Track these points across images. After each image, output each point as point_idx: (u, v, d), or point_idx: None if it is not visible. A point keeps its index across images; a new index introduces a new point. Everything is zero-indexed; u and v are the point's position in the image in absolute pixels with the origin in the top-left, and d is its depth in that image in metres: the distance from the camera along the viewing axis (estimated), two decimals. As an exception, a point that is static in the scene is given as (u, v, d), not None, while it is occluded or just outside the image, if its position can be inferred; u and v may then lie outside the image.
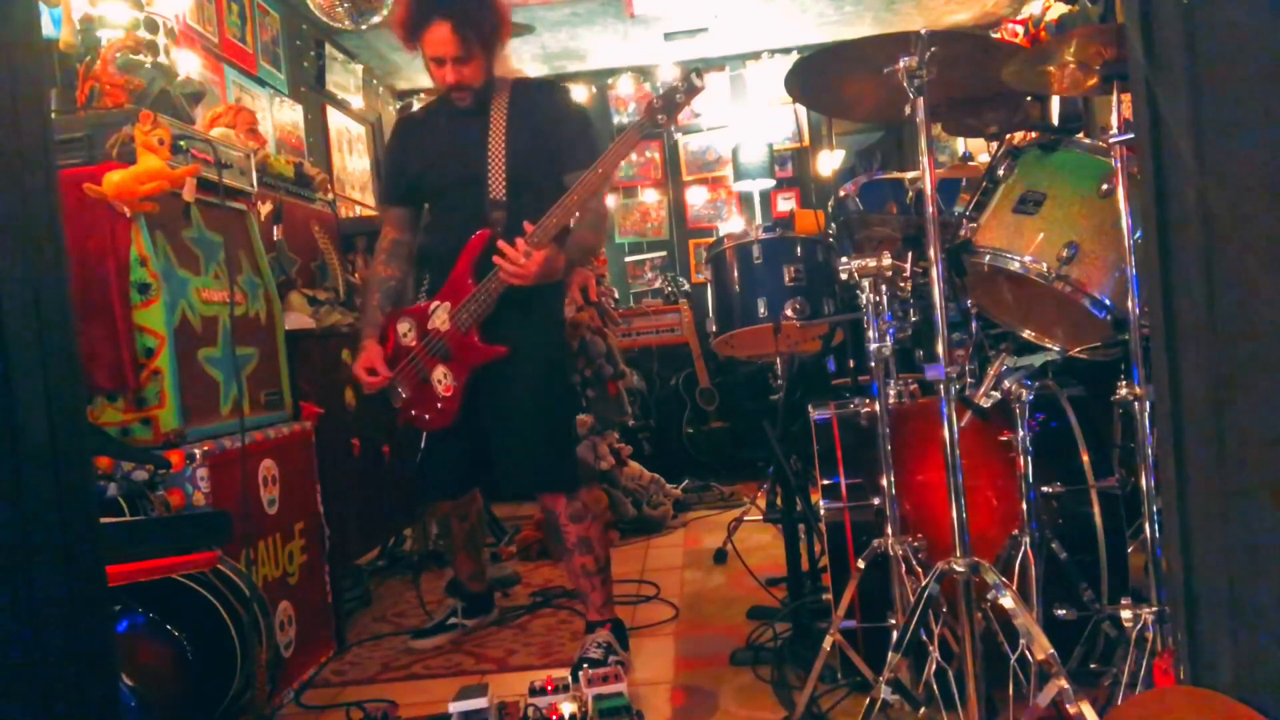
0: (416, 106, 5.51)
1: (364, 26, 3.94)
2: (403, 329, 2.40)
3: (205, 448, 2.04)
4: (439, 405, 2.35)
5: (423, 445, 2.49)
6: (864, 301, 1.80)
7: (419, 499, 2.65)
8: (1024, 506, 1.73)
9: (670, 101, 2.18)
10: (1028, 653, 1.42)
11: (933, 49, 1.54)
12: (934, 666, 1.56)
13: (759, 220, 5.82)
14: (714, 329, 2.75)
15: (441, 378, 2.33)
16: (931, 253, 1.52)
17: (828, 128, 5.75)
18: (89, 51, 2.25)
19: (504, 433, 2.37)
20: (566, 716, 1.91)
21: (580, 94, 5.94)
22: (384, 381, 2.38)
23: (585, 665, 2.20)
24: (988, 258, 1.84)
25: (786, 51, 5.91)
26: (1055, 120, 2.45)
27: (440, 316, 2.32)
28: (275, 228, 2.80)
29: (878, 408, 1.80)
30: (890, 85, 1.58)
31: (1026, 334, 2.07)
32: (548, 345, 2.42)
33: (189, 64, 3.23)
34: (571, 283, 4.09)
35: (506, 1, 2.37)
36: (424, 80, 5.77)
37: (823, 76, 1.93)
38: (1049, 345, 2.06)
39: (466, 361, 2.31)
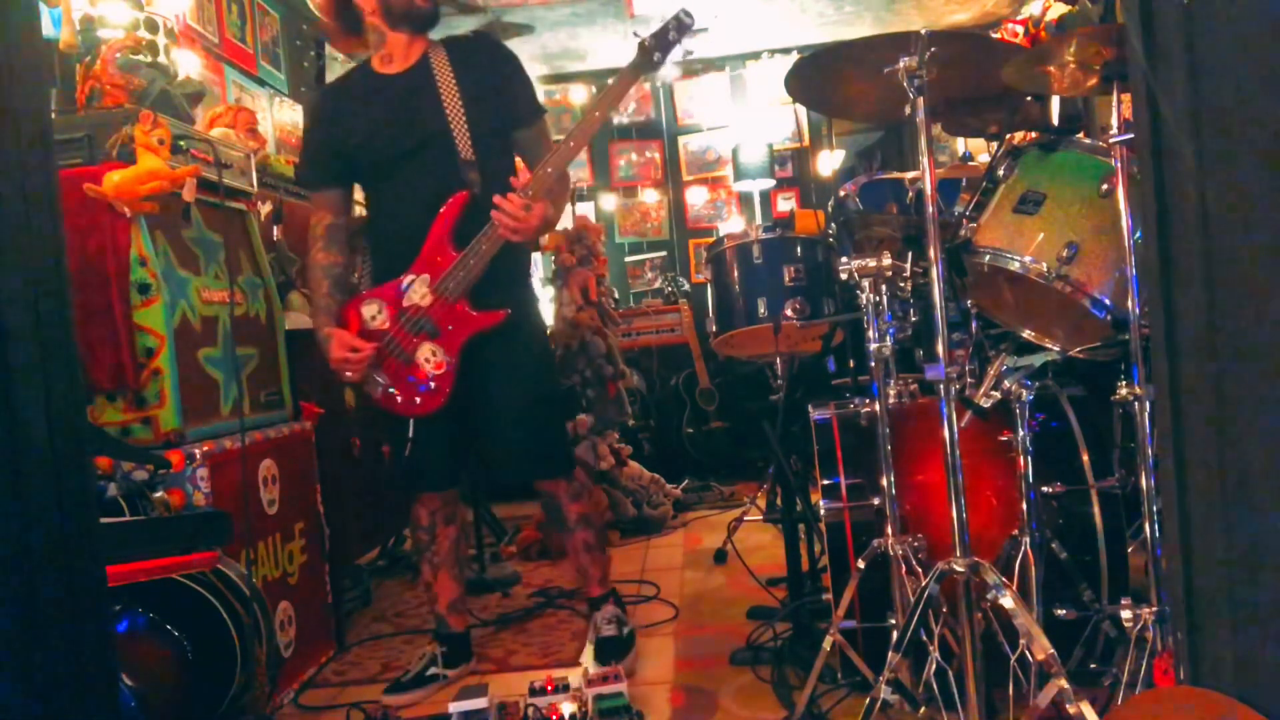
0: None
1: (364, 26, 3.93)
2: (369, 312, 2.23)
3: (205, 448, 2.04)
4: (431, 385, 2.21)
5: (410, 434, 2.29)
6: (864, 301, 1.80)
7: (407, 490, 2.41)
8: (1024, 506, 1.73)
9: (663, 39, 2.15)
10: (1028, 653, 1.42)
11: (933, 49, 1.54)
12: (934, 666, 1.55)
13: (759, 220, 5.82)
14: (714, 329, 2.75)
15: (430, 355, 2.19)
16: (931, 253, 1.52)
17: (828, 128, 5.74)
18: (89, 51, 2.25)
19: (501, 422, 2.29)
20: (566, 716, 1.91)
21: (580, 94, 5.95)
22: (369, 354, 2.19)
23: (607, 647, 2.31)
24: (988, 258, 1.84)
25: (786, 51, 5.91)
26: (1055, 120, 2.44)
27: (419, 290, 2.18)
28: (275, 228, 2.80)
29: (878, 408, 1.80)
30: (890, 85, 1.58)
31: (1026, 334, 2.07)
32: (532, 315, 2.36)
33: (189, 64, 3.23)
34: (572, 282, 4.10)
35: None
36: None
37: (823, 76, 1.93)
38: (1049, 345, 2.06)
39: (459, 333, 2.18)
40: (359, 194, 2.44)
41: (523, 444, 2.33)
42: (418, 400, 2.23)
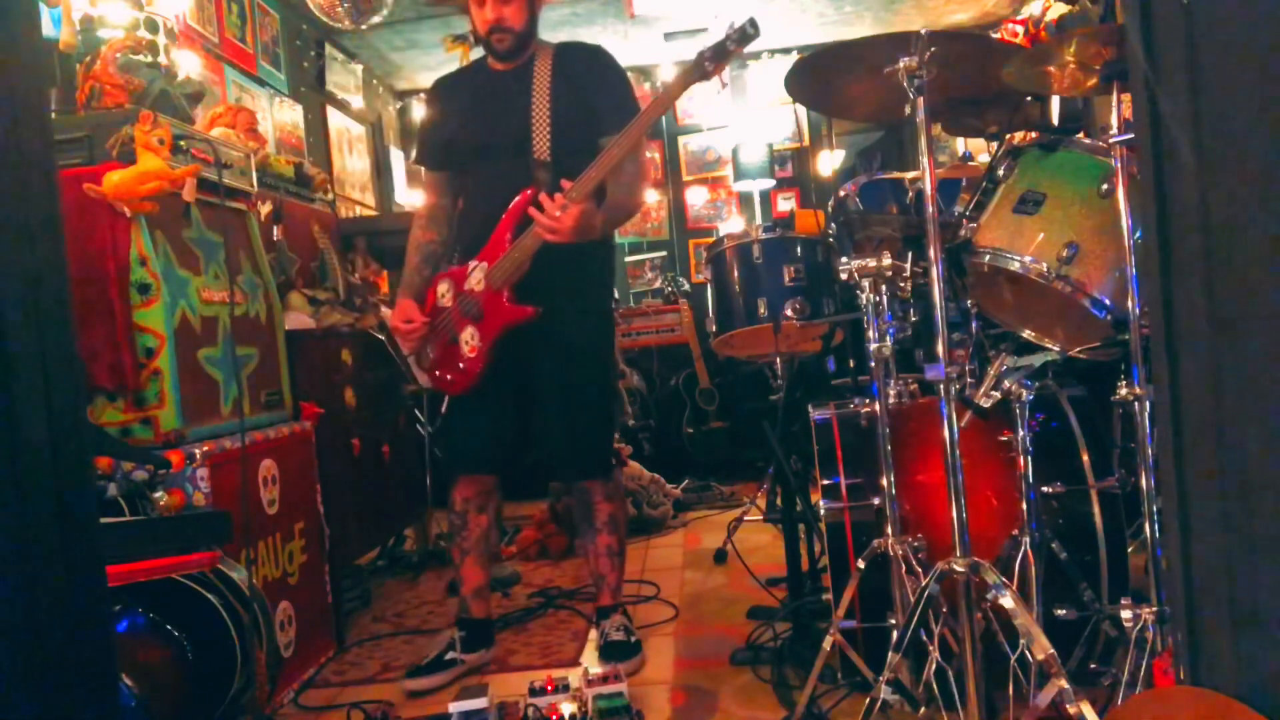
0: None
1: (364, 26, 3.94)
2: (442, 290, 2.38)
3: (205, 448, 2.04)
4: (461, 366, 2.33)
5: (443, 410, 2.47)
6: (864, 301, 1.80)
7: (446, 466, 2.53)
8: (1024, 506, 1.73)
9: (721, 50, 2.15)
10: (1028, 653, 1.42)
11: (933, 49, 1.54)
12: (934, 666, 1.56)
13: (759, 220, 5.82)
14: (714, 329, 2.75)
15: (469, 339, 2.31)
16: (931, 253, 1.52)
17: (828, 128, 5.75)
18: (89, 51, 2.25)
19: (552, 417, 2.36)
20: (566, 716, 1.92)
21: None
22: (421, 324, 2.35)
23: (615, 649, 2.32)
24: (988, 258, 1.84)
25: (786, 51, 5.91)
26: (1055, 120, 2.44)
27: (476, 276, 2.30)
28: (275, 228, 2.80)
29: (878, 408, 1.80)
30: (890, 85, 1.58)
31: (1026, 334, 2.07)
32: (597, 324, 2.43)
33: (189, 64, 3.23)
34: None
35: None
36: (425, 80, 5.77)
37: (823, 76, 1.93)
38: (1049, 345, 2.06)
39: (495, 322, 2.28)
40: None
41: (570, 443, 2.38)
42: (449, 378, 2.38)
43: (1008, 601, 1.45)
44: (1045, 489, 1.89)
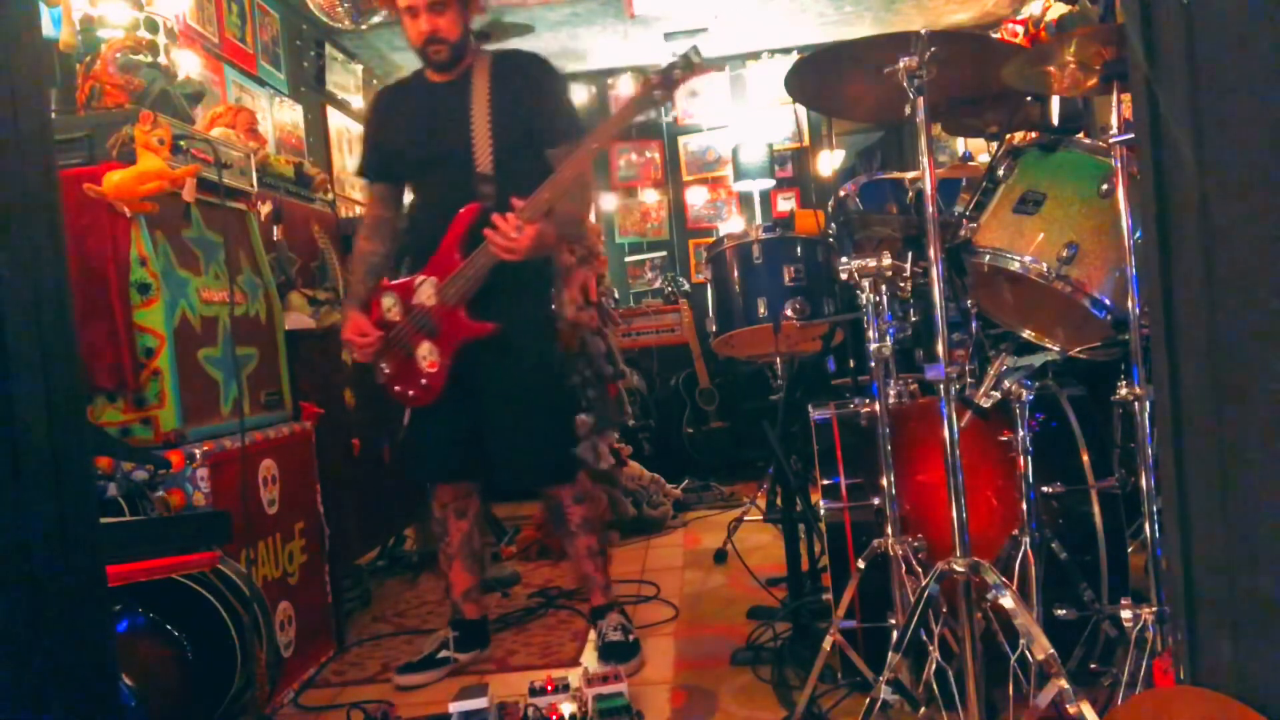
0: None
1: (364, 26, 3.94)
2: (387, 303, 2.36)
3: (205, 448, 2.04)
4: (423, 382, 2.32)
5: (405, 421, 2.47)
6: (864, 301, 1.80)
7: (411, 477, 2.53)
8: (1024, 506, 1.73)
9: (669, 78, 2.14)
10: (1028, 653, 1.42)
11: (933, 49, 1.54)
12: (934, 666, 1.55)
13: (759, 220, 5.82)
14: (714, 329, 2.75)
15: (426, 354, 2.30)
16: (931, 253, 1.52)
17: (828, 128, 5.74)
18: (89, 51, 2.25)
19: (504, 428, 2.36)
20: (566, 716, 1.92)
21: (580, 94, 5.94)
22: (376, 342, 2.34)
23: (614, 650, 2.31)
24: (988, 258, 1.84)
25: (786, 51, 5.91)
26: (1055, 120, 2.44)
27: (426, 291, 2.28)
28: (275, 228, 2.80)
29: (878, 408, 1.80)
30: (890, 85, 1.58)
31: (1026, 334, 2.07)
32: (541, 332, 2.41)
33: (189, 64, 3.23)
34: (572, 282, 4.09)
35: None
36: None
37: (823, 76, 1.93)
38: (1049, 345, 2.06)
39: (453, 337, 2.28)
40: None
41: (524, 453, 2.37)
42: (411, 393, 2.37)
43: (1008, 601, 1.45)
44: (1045, 489, 1.89)
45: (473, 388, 2.34)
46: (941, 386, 1.50)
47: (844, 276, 1.78)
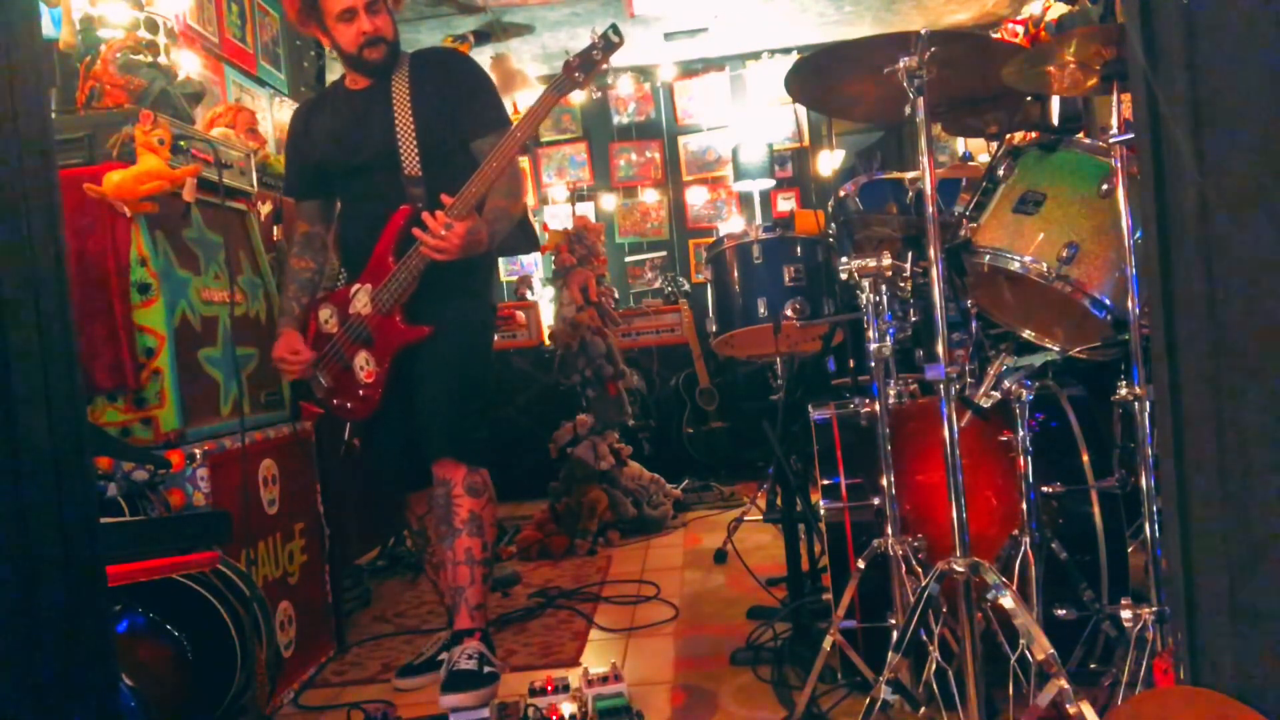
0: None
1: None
2: (324, 316, 2.32)
3: (205, 448, 2.04)
4: (360, 393, 2.27)
5: (346, 436, 2.42)
6: (864, 301, 1.80)
7: (377, 488, 2.46)
8: (1024, 506, 1.73)
9: (588, 59, 2.11)
10: (1028, 653, 1.42)
11: (933, 49, 1.54)
12: (934, 666, 1.56)
13: (759, 220, 5.82)
14: (714, 329, 2.75)
15: (363, 364, 2.25)
16: (931, 253, 1.52)
17: (828, 128, 5.75)
18: (89, 51, 2.25)
19: (419, 407, 2.23)
20: (566, 716, 1.92)
21: (579, 94, 5.94)
22: (308, 359, 2.28)
23: (459, 679, 2.01)
24: (988, 258, 1.84)
25: (786, 51, 5.91)
26: (1055, 120, 2.44)
27: (361, 299, 2.24)
28: (275, 228, 2.80)
29: (878, 408, 1.80)
30: (890, 85, 1.58)
31: (1026, 334, 2.07)
32: (469, 321, 2.30)
33: (189, 64, 3.23)
34: (572, 282, 4.09)
35: None
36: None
37: (823, 76, 1.93)
38: (1049, 345, 2.06)
39: (389, 345, 2.22)
40: None
41: (428, 421, 2.22)
42: (350, 405, 2.32)
43: (1008, 601, 1.45)
44: (1045, 489, 1.89)
45: (406, 387, 2.25)
46: (941, 386, 1.50)
47: (844, 276, 1.78)
